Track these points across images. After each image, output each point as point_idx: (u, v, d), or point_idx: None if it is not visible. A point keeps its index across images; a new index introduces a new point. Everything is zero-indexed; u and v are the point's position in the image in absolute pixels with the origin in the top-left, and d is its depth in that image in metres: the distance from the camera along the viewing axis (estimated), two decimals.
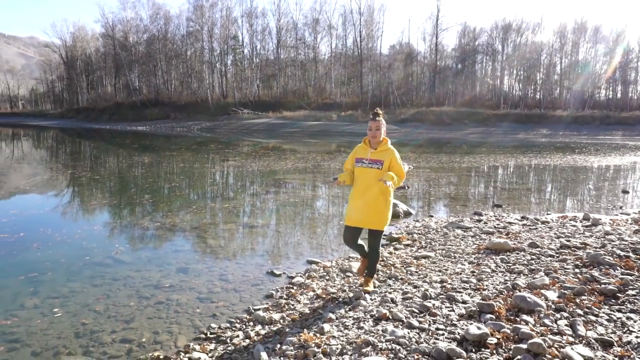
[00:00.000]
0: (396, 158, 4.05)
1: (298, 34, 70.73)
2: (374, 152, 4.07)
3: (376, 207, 4.03)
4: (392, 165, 4.03)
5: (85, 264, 5.32)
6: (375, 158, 4.03)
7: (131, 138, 34.23)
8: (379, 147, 4.08)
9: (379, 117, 4.09)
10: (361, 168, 4.08)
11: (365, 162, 4.07)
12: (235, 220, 7.89)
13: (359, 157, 4.12)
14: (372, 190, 4.01)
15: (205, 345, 3.38)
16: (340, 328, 3.50)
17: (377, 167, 4.01)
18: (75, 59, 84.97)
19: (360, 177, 4.09)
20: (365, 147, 4.15)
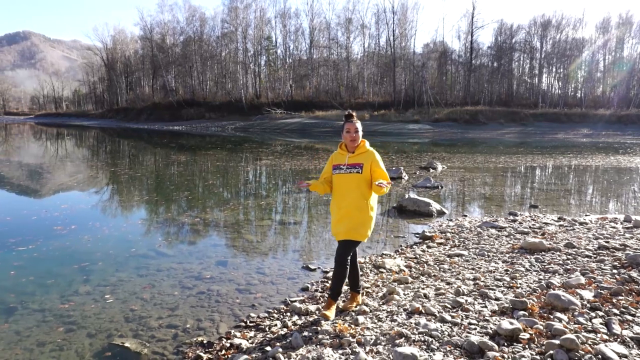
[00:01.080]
0: (377, 160, 3.67)
1: (331, 34, 70.92)
2: (352, 156, 3.71)
3: (358, 215, 3.61)
4: (374, 168, 3.65)
5: (131, 256, 5.63)
6: (354, 162, 3.67)
7: (168, 137, 35.27)
8: (357, 150, 3.73)
9: (356, 119, 3.76)
10: (340, 175, 3.70)
11: (343, 167, 3.69)
12: (270, 217, 8.11)
13: (337, 163, 3.75)
14: (352, 196, 3.63)
15: (245, 332, 3.57)
16: (374, 320, 3.61)
17: (357, 171, 3.64)
18: (115, 61, 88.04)
19: (339, 184, 3.71)
20: (342, 153, 3.78)
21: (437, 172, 14.07)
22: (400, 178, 12.29)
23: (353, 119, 3.74)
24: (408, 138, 36.33)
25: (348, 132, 3.71)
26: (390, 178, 10.99)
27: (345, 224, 3.61)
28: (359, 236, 3.63)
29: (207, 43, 75.79)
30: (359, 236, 3.63)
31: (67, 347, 3.42)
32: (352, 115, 3.76)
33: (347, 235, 3.61)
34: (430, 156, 19.39)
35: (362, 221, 3.62)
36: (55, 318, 3.89)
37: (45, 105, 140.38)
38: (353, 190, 3.62)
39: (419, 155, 20.26)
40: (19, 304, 4.16)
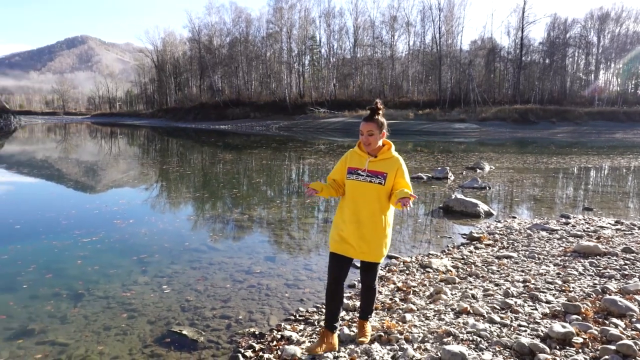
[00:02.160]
0: (403, 170, 3.06)
1: (375, 33, 70.47)
2: (373, 160, 3.06)
3: (376, 234, 3.06)
4: (398, 180, 3.04)
5: (184, 249, 5.91)
6: (376, 169, 3.04)
7: (214, 136, 36.28)
8: (380, 154, 3.08)
9: (375, 117, 3.03)
10: (357, 182, 3.07)
11: (362, 174, 3.05)
12: (314, 214, 8.24)
13: (353, 166, 3.11)
14: (370, 210, 3.04)
15: (294, 325, 3.69)
16: (421, 318, 3.65)
17: (379, 181, 3.02)
18: (165, 63, 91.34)
19: (355, 193, 3.08)
20: (361, 154, 3.12)
21: (484, 173, 13.76)
22: (446, 178, 12.12)
23: (371, 118, 3.03)
24: (454, 137, 35.61)
25: (361, 134, 3.07)
26: (436, 178, 10.92)
27: (361, 243, 3.04)
28: (380, 257, 3.14)
29: (252, 44, 77.21)
30: (380, 257, 3.14)
31: (130, 332, 3.66)
32: (373, 110, 3.04)
33: (371, 256, 3.09)
34: (477, 156, 18.96)
35: (382, 241, 3.09)
36: (118, 305, 4.17)
37: (100, 106, 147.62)
38: (372, 202, 3.04)
39: (466, 155, 19.85)
40: (86, 291, 4.48)
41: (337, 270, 3.15)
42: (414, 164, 16.22)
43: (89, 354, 3.32)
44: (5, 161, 17.99)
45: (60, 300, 4.26)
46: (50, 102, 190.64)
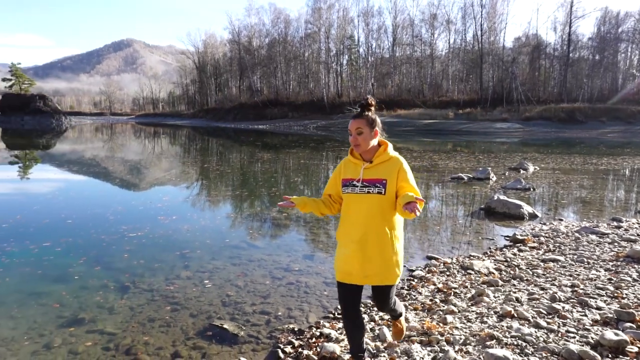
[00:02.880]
0: (405, 170, 2.58)
1: (414, 31, 69.56)
2: (369, 167, 2.60)
3: (383, 252, 2.59)
4: (401, 183, 2.55)
5: (225, 246, 6.03)
6: (373, 177, 2.58)
7: (253, 136, 36.84)
8: (376, 157, 2.61)
9: (365, 113, 2.61)
10: (352, 195, 2.62)
11: (357, 184, 2.61)
12: None
13: (348, 177, 2.68)
14: (373, 227, 2.57)
15: (333, 323, 3.69)
16: (462, 320, 3.57)
17: (378, 190, 2.55)
18: (205, 64, 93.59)
19: (351, 208, 2.65)
20: (355, 162, 2.68)
21: (528, 174, 13.31)
22: (487, 179, 11.81)
23: (360, 115, 2.61)
24: (495, 137, 34.64)
25: (350, 135, 2.64)
26: (477, 179, 10.65)
27: (367, 265, 2.59)
28: (393, 279, 2.66)
29: (291, 44, 77.90)
30: (393, 279, 2.66)
31: (173, 324, 3.77)
32: (363, 106, 2.62)
33: (379, 278, 2.63)
34: (520, 157, 18.36)
35: (391, 260, 2.61)
36: (162, 298, 4.30)
37: (144, 106, 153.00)
38: (374, 217, 2.56)
39: (508, 156, 19.27)
40: (132, 283, 4.65)
41: (345, 300, 2.71)
42: (454, 164, 15.89)
43: (135, 343, 3.44)
44: (58, 159, 18.94)
45: (108, 291, 4.44)
46: (98, 103, 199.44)
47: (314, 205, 2.79)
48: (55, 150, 24.21)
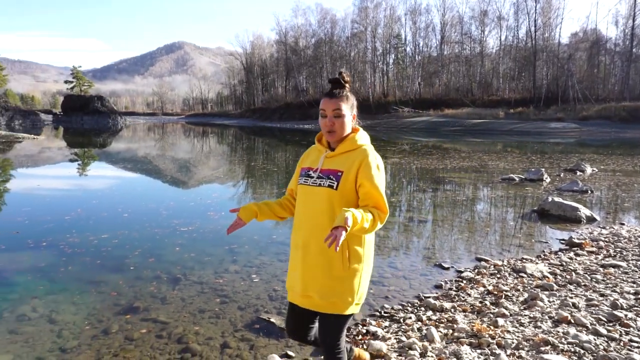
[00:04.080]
0: (370, 166, 2.01)
1: (464, 29, 67.88)
2: (330, 155, 2.12)
3: (328, 267, 2.03)
4: (361, 181, 2.00)
5: (271, 242, 6.13)
6: (330, 167, 2.08)
7: (299, 135, 37.17)
8: (341, 145, 2.11)
9: (343, 91, 2.10)
10: (304, 187, 2.14)
11: (312, 174, 2.12)
12: (399, 214, 8.11)
13: (306, 166, 2.22)
14: (317, 229, 2.04)
15: (380, 321, 3.66)
16: (514, 324, 3.44)
17: (329, 183, 2.03)
18: (253, 65, 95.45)
19: (300, 202, 2.17)
20: (319, 149, 2.21)
21: (585, 175, 12.66)
22: (541, 180, 11.33)
23: (336, 93, 2.08)
24: (549, 138, 33.19)
25: (323, 116, 2.10)
26: (529, 180, 10.34)
27: (309, 280, 2.07)
28: (341, 306, 2.05)
29: (337, 44, 78.07)
30: (341, 306, 2.05)
31: (222, 315, 3.86)
32: (337, 81, 2.11)
33: (319, 303, 2.06)
34: (577, 158, 17.49)
35: (344, 281, 2.03)
36: (211, 290, 4.42)
37: (194, 107, 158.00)
38: (320, 216, 2.03)
39: (563, 157, 18.40)
40: (183, 275, 4.81)
41: (291, 322, 2.25)
42: (505, 164, 15.36)
43: (186, 333, 3.55)
44: (113, 157, 19.92)
45: (160, 282, 4.61)
46: (150, 104, 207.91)
47: (266, 210, 2.27)
48: (111, 148, 25.47)
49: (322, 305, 2.05)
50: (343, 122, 2.07)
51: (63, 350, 3.26)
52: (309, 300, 2.08)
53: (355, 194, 2.03)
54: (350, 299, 2.04)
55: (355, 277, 2.05)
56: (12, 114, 57.47)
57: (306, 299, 2.08)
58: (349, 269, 2.02)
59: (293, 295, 2.15)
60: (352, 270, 2.03)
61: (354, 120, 2.16)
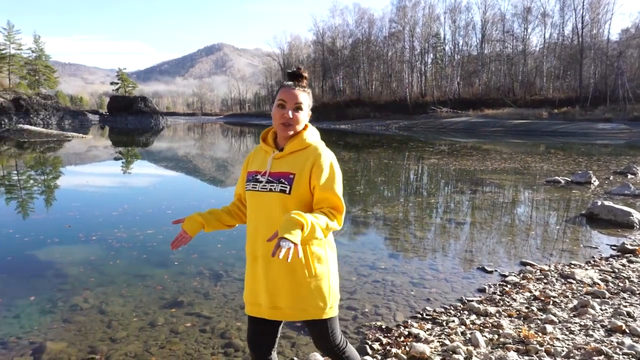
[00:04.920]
0: (321, 167, 1.86)
1: (505, 26, 65.97)
2: (278, 156, 1.95)
3: (292, 275, 1.90)
4: (315, 183, 1.85)
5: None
6: (280, 170, 1.91)
7: (335, 135, 37.17)
8: (290, 144, 1.94)
9: (304, 86, 1.97)
10: (253, 193, 1.95)
11: (261, 179, 1.94)
12: (440, 215, 7.98)
13: (253, 169, 2.02)
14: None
15: (422, 324, 3.61)
16: (564, 332, 3.31)
17: (282, 188, 1.87)
18: (290, 65, 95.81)
19: (252, 210, 1.99)
20: (266, 149, 2.02)
21: (637, 179, 12.04)
22: (588, 183, 10.86)
23: (296, 84, 1.95)
24: (596, 139, 31.76)
25: (282, 107, 1.92)
26: (576, 183, 9.92)
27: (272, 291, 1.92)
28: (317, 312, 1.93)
29: (374, 44, 77.63)
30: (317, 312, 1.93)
31: None
32: (297, 75, 1.98)
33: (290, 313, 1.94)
34: (627, 160, 16.66)
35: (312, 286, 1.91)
36: None
37: (232, 107, 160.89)
38: (276, 224, 1.77)
39: (613, 159, 17.57)
40: (224, 272, 4.90)
41: (251, 340, 2.08)
42: (549, 166, 14.83)
43: (229, 328, 3.61)
44: (156, 156, 20.56)
45: (203, 278, 4.72)
46: (190, 104, 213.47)
47: (213, 220, 2.11)
48: (154, 147, 26.29)
49: (293, 314, 1.94)
50: (301, 116, 1.93)
51: (113, 340, 3.39)
52: (279, 312, 1.94)
53: (311, 196, 1.89)
54: (322, 304, 1.92)
55: (322, 280, 1.93)
56: (62, 114, 60.30)
57: (276, 311, 1.94)
58: (314, 275, 1.90)
59: (259, 309, 1.98)
60: (318, 275, 1.92)
61: (308, 117, 2.01)
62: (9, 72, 66.42)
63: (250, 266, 2.02)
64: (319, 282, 1.92)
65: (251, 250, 2.00)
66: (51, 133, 33.71)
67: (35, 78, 69.62)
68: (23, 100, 56.10)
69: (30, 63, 70.11)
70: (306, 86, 1.98)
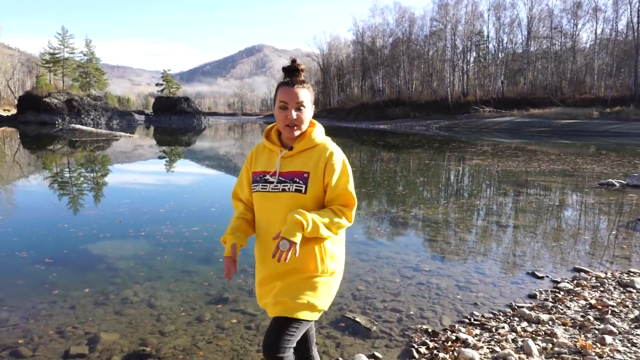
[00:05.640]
0: (333, 166, 1.86)
1: (553, 22, 63.47)
2: (288, 155, 1.90)
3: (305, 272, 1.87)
4: (328, 181, 1.84)
5: (352, 241, 6.10)
6: (292, 169, 1.87)
7: (374, 135, 36.92)
8: (298, 143, 1.91)
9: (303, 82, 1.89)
10: (263, 194, 1.91)
11: (271, 179, 1.89)
12: (485, 217, 7.76)
13: (259, 170, 1.96)
14: None
15: (470, 329, 3.50)
16: (625, 343, 3.13)
17: (297, 187, 1.83)
18: (329, 66, 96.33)
19: (263, 212, 1.94)
20: (271, 148, 1.97)
21: None
22: None
23: (294, 80, 1.87)
24: None
25: (284, 108, 1.86)
26: (633, 186, 9.43)
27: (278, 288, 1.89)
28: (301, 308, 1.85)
29: (415, 43, 76.59)
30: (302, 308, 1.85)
31: None
32: (296, 69, 1.89)
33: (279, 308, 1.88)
34: None
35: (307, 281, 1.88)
36: None
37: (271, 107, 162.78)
38: None
39: None
40: None
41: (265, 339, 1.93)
42: (602, 168, 14.12)
43: None
44: (198, 155, 21.09)
45: (247, 275, 4.77)
46: (231, 104, 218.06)
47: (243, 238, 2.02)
48: (196, 146, 26.96)
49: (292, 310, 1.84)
50: (305, 115, 1.87)
51: (162, 333, 3.47)
52: (281, 306, 1.87)
53: (324, 194, 1.88)
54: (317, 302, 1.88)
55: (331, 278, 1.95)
56: (111, 114, 62.96)
57: (278, 306, 1.88)
58: (326, 271, 1.90)
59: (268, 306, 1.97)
60: (329, 271, 1.92)
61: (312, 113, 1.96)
62: (63, 75, 70.04)
63: (261, 266, 2.00)
64: (328, 280, 1.93)
65: (262, 252, 1.97)
66: (101, 132, 35.26)
67: (87, 80, 73.01)
68: (75, 101, 59.02)
69: (82, 66, 73.62)
70: (305, 80, 1.90)
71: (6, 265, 5.00)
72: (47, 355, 3.13)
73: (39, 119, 54.58)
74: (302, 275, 1.87)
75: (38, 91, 60.10)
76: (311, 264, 1.86)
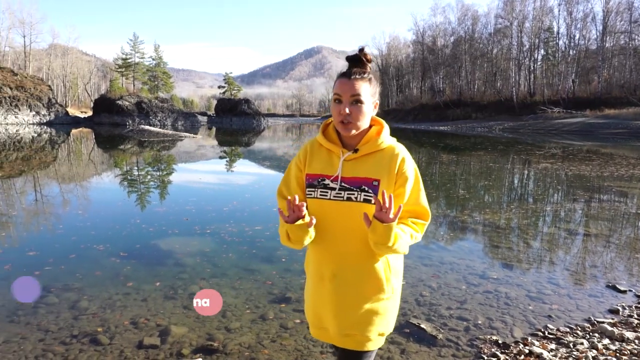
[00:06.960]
0: (409, 174, 1.67)
1: (633, 16, 58.87)
2: (351, 157, 1.67)
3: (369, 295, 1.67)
4: (400, 191, 1.65)
5: (415, 245, 5.96)
6: (358, 175, 1.64)
7: (434, 137, 36.05)
8: (364, 144, 1.69)
9: (366, 70, 1.66)
10: (322, 202, 1.66)
11: (333, 185, 1.65)
12: (557, 224, 7.32)
13: (316, 172, 1.71)
14: (354, 256, 1.66)
15: (544, 343, 3.30)
16: None
17: (365, 197, 1.61)
18: (388, 66, 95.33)
19: (322, 222, 1.66)
20: (329, 147, 1.72)
21: None
22: None
23: (357, 73, 1.63)
24: None
25: (338, 102, 1.63)
26: None
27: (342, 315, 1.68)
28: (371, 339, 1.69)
29: (477, 41, 74.08)
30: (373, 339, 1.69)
31: None
32: (359, 60, 1.65)
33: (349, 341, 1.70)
34: None
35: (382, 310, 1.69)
36: None
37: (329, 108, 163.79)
38: (354, 239, 1.64)
39: None
40: None
41: None
42: None
43: None
44: (258, 155, 21.61)
45: None
46: (289, 106, 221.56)
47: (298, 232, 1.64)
48: (256, 147, 27.63)
49: (357, 343, 1.69)
50: (362, 110, 1.62)
51: (228, 329, 3.56)
52: (350, 340, 1.69)
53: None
54: (383, 328, 1.72)
55: (396, 299, 1.77)
56: (176, 115, 66.07)
57: (347, 339, 1.69)
58: (392, 292, 1.72)
59: (326, 334, 1.77)
60: (395, 291, 1.75)
61: (375, 109, 1.71)
62: (134, 79, 74.38)
63: (315, 287, 1.77)
64: (393, 302, 1.75)
65: (318, 269, 1.74)
66: (167, 133, 37.09)
67: (155, 83, 77.05)
68: (144, 103, 62.55)
69: (151, 70, 77.75)
70: (369, 72, 1.66)
71: (86, 257, 5.35)
72: (123, 344, 3.30)
73: (111, 120, 58.34)
74: (367, 302, 1.67)
75: (111, 94, 64.22)
76: (375, 287, 1.68)
